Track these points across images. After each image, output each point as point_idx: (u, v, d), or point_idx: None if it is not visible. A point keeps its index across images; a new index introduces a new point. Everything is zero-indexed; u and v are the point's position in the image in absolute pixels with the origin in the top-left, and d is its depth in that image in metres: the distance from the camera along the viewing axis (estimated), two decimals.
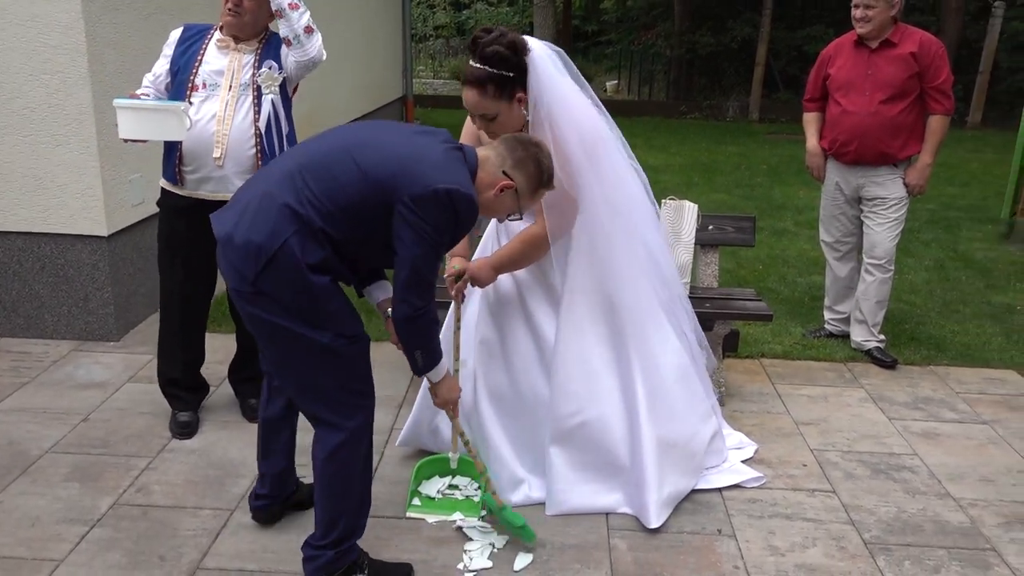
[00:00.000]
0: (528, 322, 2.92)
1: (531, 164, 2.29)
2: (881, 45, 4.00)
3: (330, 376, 2.22)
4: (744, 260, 5.93)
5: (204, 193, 3.11)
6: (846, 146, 4.10)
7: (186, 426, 3.33)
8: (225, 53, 3.11)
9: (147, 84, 3.16)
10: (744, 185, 8.76)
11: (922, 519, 2.92)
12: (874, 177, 4.11)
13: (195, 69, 3.06)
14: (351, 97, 8.81)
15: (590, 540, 2.73)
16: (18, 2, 3.80)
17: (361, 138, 2.19)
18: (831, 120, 4.18)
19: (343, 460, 2.29)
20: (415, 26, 23.63)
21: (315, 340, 2.15)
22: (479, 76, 2.54)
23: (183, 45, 3.12)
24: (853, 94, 4.05)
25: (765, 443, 3.39)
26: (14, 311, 4.23)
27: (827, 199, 4.37)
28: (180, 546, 2.64)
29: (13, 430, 3.34)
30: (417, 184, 2.06)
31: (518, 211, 2.37)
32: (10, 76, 3.89)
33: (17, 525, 2.73)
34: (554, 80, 2.63)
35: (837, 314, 4.52)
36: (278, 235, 2.06)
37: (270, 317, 2.13)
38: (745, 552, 2.70)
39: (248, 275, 2.09)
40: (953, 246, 6.51)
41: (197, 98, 3.05)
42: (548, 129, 2.60)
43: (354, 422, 2.27)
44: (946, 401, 3.87)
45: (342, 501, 2.33)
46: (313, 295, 2.11)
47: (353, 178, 2.09)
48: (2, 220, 4.10)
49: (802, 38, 15.22)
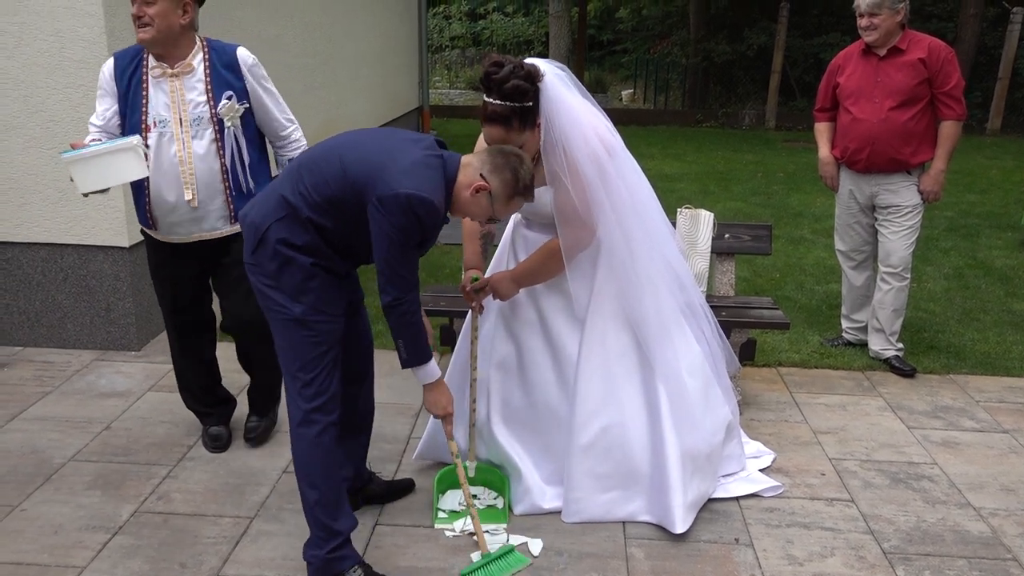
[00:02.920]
0: (546, 334, 2.93)
1: (507, 171, 2.38)
2: (889, 52, 3.98)
3: (299, 348, 2.40)
4: (761, 268, 5.91)
5: (177, 237, 3.00)
6: (858, 154, 4.09)
7: (217, 439, 3.33)
8: (163, 83, 2.87)
9: (95, 129, 2.91)
10: (761, 193, 8.73)
11: (942, 529, 2.90)
12: (887, 185, 4.10)
13: (144, 108, 2.85)
14: (367, 108, 8.88)
15: (607, 549, 2.74)
16: (42, 17, 3.87)
17: (354, 140, 2.40)
18: (842, 129, 4.18)
19: (300, 440, 2.44)
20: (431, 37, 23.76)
21: (290, 310, 2.37)
22: (503, 113, 2.50)
23: (123, 80, 2.87)
24: (863, 102, 4.05)
25: (783, 452, 3.38)
26: (37, 321, 4.29)
27: (841, 208, 4.36)
28: (201, 554, 2.67)
29: (36, 439, 3.38)
30: (385, 186, 2.24)
31: (493, 214, 2.44)
32: (34, 90, 3.96)
33: (40, 532, 2.76)
34: (565, 101, 2.63)
35: (854, 323, 4.49)
36: (268, 217, 2.35)
37: (262, 287, 2.41)
38: (763, 561, 2.69)
39: (248, 248, 2.40)
40: (972, 254, 6.46)
41: (152, 139, 2.86)
42: (560, 150, 2.60)
43: (313, 403, 2.42)
44: (966, 410, 3.84)
45: (306, 488, 2.46)
46: (293, 271, 2.35)
47: (336, 174, 2.30)
48: (26, 231, 4.16)
49: (818, 45, 15.14)
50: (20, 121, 4.01)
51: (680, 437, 2.82)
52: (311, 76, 6.78)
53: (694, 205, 3.93)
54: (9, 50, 3.92)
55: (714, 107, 16.24)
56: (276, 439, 3.41)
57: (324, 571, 2.43)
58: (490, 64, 2.52)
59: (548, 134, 2.60)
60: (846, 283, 4.47)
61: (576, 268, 2.81)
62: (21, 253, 4.21)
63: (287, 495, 3.01)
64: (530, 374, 2.94)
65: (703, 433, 2.91)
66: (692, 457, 2.85)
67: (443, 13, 27.99)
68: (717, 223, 3.89)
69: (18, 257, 4.22)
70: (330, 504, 2.45)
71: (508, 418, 2.99)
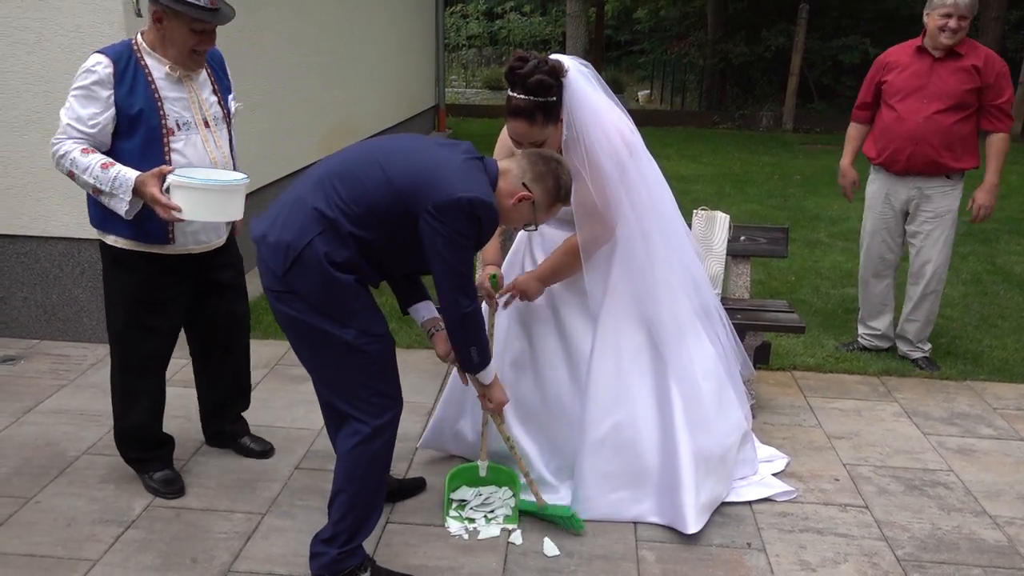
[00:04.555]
0: (560, 331, 2.93)
1: (550, 179, 2.36)
2: (947, 55, 3.89)
3: (355, 373, 2.31)
4: (776, 271, 5.88)
5: (196, 246, 2.81)
6: (899, 154, 4.00)
7: (173, 482, 3.02)
8: (177, 82, 2.72)
9: (82, 136, 2.60)
10: (777, 195, 8.68)
11: (957, 536, 2.87)
12: (926, 189, 4.03)
13: (162, 110, 2.66)
14: (383, 106, 8.89)
15: (618, 551, 2.72)
16: (63, 13, 3.90)
17: (388, 149, 2.32)
18: (883, 127, 4.08)
19: (363, 454, 2.37)
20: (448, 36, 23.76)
21: (340, 338, 2.25)
22: (527, 107, 2.53)
23: (123, 83, 2.62)
24: (910, 100, 3.96)
25: (797, 457, 3.36)
26: (54, 315, 4.32)
27: (873, 214, 4.24)
28: (212, 549, 2.68)
29: (51, 431, 3.40)
30: (440, 193, 2.17)
31: (534, 222, 2.42)
32: (53, 86, 3.99)
33: (54, 525, 2.78)
34: (588, 98, 2.65)
35: (872, 330, 4.43)
36: (305, 234, 2.19)
37: (299, 315, 2.25)
38: (775, 566, 2.67)
39: (278, 272, 2.22)
40: (991, 259, 6.40)
41: (177, 143, 2.69)
42: (582, 146, 2.62)
43: (379, 420, 2.36)
44: (983, 417, 3.80)
45: (356, 495, 2.40)
46: (338, 292, 2.22)
47: (379, 184, 2.21)
48: (44, 226, 4.19)
49: (837, 48, 15.06)
50: (40, 116, 4.03)
51: (693, 438, 2.81)
52: (328, 74, 6.79)
53: (710, 207, 3.91)
54: (30, 45, 3.95)
55: (731, 109, 16.17)
56: (286, 436, 3.42)
57: (331, 567, 2.42)
58: (515, 59, 2.55)
59: (570, 129, 2.62)
60: (865, 290, 4.40)
61: (592, 265, 2.82)
62: (39, 247, 4.24)
63: (298, 491, 3.02)
64: (544, 372, 2.95)
65: (716, 435, 2.90)
66: (705, 458, 2.84)
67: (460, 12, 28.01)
68: (733, 225, 3.87)
69: (36, 251, 4.25)
70: (371, 512, 2.44)
71: (521, 416, 2.99)
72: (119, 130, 2.64)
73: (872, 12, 15.36)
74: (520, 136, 2.59)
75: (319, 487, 3.03)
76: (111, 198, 2.59)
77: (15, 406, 3.61)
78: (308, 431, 3.45)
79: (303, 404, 3.65)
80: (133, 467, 3.04)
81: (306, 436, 3.42)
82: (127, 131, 2.64)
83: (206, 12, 2.60)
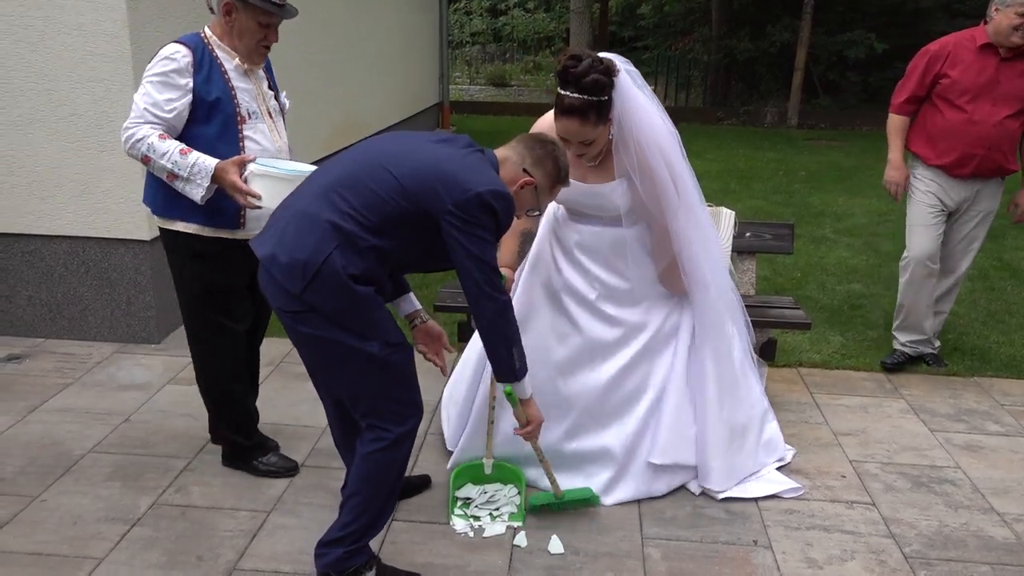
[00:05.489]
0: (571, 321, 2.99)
1: (549, 161, 2.37)
2: (1015, 54, 3.69)
3: (379, 385, 2.28)
4: (781, 267, 5.86)
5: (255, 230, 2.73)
6: (967, 159, 3.78)
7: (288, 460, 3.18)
8: (244, 74, 2.82)
9: (156, 120, 2.65)
10: (782, 192, 8.65)
11: (965, 534, 2.86)
12: (983, 190, 3.91)
13: (235, 99, 2.75)
14: (387, 103, 8.89)
15: (624, 548, 2.72)
16: (65, 11, 3.90)
17: (389, 152, 2.26)
18: (949, 128, 3.79)
19: (383, 460, 2.34)
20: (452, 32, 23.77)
21: (364, 350, 2.21)
22: (580, 106, 2.55)
23: (201, 71, 2.70)
24: (981, 103, 3.73)
25: (803, 453, 3.34)
26: (59, 313, 4.33)
27: (922, 212, 3.97)
28: (217, 547, 2.68)
29: (57, 430, 3.41)
30: (458, 190, 2.15)
31: (537, 207, 2.43)
32: (57, 83, 3.99)
33: (60, 523, 2.78)
34: (637, 98, 2.69)
35: (918, 335, 4.16)
36: (321, 250, 2.12)
37: (319, 332, 2.20)
38: (782, 564, 2.66)
39: (295, 291, 2.15)
40: (998, 255, 6.37)
41: (249, 130, 2.78)
42: (633, 146, 2.67)
43: (403, 427, 2.33)
44: (990, 413, 3.79)
45: (371, 499, 2.38)
46: (358, 305, 2.18)
47: (392, 190, 2.16)
48: (49, 224, 4.19)
49: (842, 43, 14.98)
50: (43, 114, 4.03)
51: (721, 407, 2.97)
52: (331, 71, 6.78)
53: (715, 203, 3.90)
54: (33, 43, 3.95)
55: (735, 104, 16.12)
56: (291, 434, 3.42)
57: (337, 566, 2.41)
58: (568, 58, 2.57)
59: (620, 129, 2.66)
60: (914, 295, 4.06)
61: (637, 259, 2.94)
62: (44, 245, 4.25)
63: (304, 489, 3.02)
64: (613, 363, 2.99)
65: (742, 407, 3.04)
66: (731, 427, 2.98)
67: (464, 8, 28.00)
68: (738, 221, 3.85)
69: (40, 249, 4.25)
70: (382, 515, 2.43)
71: (598, 412, 3.02)
72: (195, 117, 2.71)
73: (878, 7, 15.26)
74: (571, 135, 2.61)
75: (324, 485, 3.03)
76: (187, 183, 2.65)
77: (20, 405, 3.62)
78: (313, 428, 3.45)
79: (308, 402, 3.65)
80: (242, 457, 3.11)
81: (311, 434, 3.42)
82: (204, 118, 2.71)
83: (274, 6, 2.70)
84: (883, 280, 5.61)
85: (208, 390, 3.05)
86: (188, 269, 2.88)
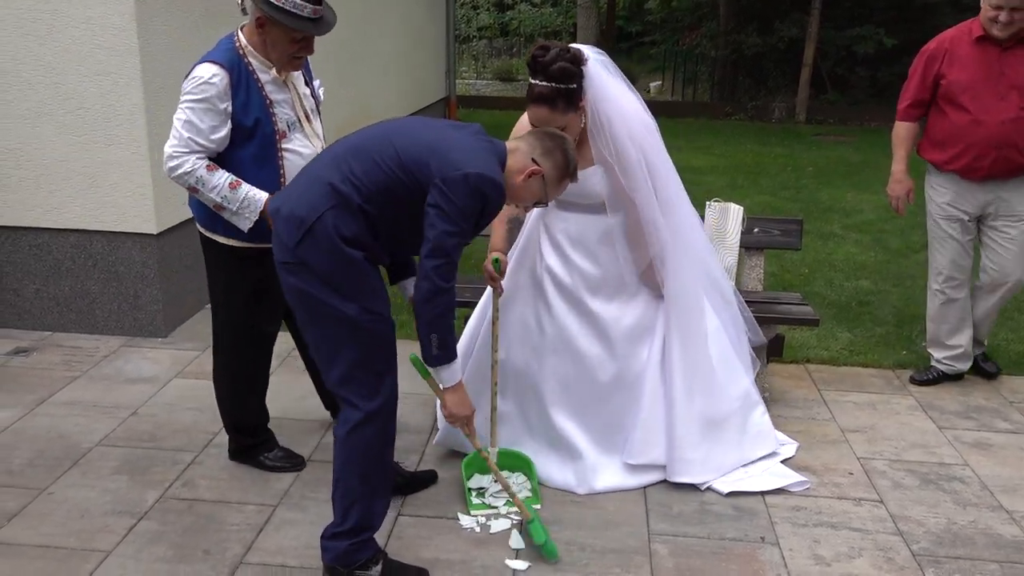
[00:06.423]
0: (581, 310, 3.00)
1: (559, 153, 2.40)
2: (1015, 42, 3.49)
3: (353, 350, 2.31)
4: (789, 263, 5.84)
5: None
6: (979, 161, 3.57)
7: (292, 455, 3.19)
8: (282, 84, 2.75)
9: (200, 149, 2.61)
10: (790, 187, 8.62)
11: (973, 531, 2.84)
12: (1004, 192, 3.64)
13: (274, 116, 2.69)
14: (395, 98, 8.88)
15: (630, 544, 2.71)
16: (73, 5, 3.90)
17: (400, 126, 2.38)
18: (954, 130, 3.60)
19: (356, 442, 2.37)
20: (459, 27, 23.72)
21: (342, 311, 2.27)
22: (548, 94, 2.66)
23: (238, 94, 2.62)
24: (984, 98, 3.52)
25: (810, 450, 3.33)
26: (67, 307, 4.34)
27: (941, 223, 3.79)
28: (224, 540, 2.68)
29: (64, 423, 3.41)
30: (450, 167, 2.21)
31: (544, 198, 2.45)
32: (65, 77, 3.99)
33: (67, 516, 2.79)
34: (608, 85, 2.79)
35: (952, 350, 3.92)
36: (317, 208, 2.23)
37: (306, 287, 2.28)
38: (789, 561, 2.65)
39: (290, 244, 2.25)
40: None
41: (288, 144, 2.73)
42: (606, 131, 2.76)
43: (372, 404, 2.35)
44: (999, 411, 3.77)
45: (357, 485, 2.40)
46: (346, 267, 2.25)
47: (390, 160, 2.25)
48: (56, 218, 4.20)
49: (851, 38, 14.89)
50: (51, 108, 4.04)
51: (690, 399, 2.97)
52: (340, 66, 6.77)
53: (723, 199, 3.88)
54: (41, 37, 3.95)
55: (743, 100, 16.05)
56: (298, 428, 3.42)
57: (343, 559, 2.42)
58: (537, 48, 2.69)
59: (594, 115, 2.76)
60: (939, 308, 3.88)
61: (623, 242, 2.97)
62: (51, 239, 4.25)
63: (311, 483, 3.02)
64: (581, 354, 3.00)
65: (717, 400, 3.03)
66: (705, 419, 2.99)
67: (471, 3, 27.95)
68: (747, 217, 3.84)
69: (48, 243, 4.26)
70: (374, 502, 2.43)
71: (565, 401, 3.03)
72: (234, 140, 2.67)
73: (886, 1, 15.16)
74: (541, 122, 2.68)
75: (331, 479, 3.02)
76: (235, 216, 2.66)
77: (28, 398, 3.63)
78: (319, 422, 3.45)
79: (315, 396, 3.63)
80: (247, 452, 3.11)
81: (317, 428, 3.42)
82: (243, 140, 2.67)
83: (308, 23, 2.60)
84: (892, 276, 5.59)
85: (222, 394, 3.06)
86: (224, 268, 2.87)
